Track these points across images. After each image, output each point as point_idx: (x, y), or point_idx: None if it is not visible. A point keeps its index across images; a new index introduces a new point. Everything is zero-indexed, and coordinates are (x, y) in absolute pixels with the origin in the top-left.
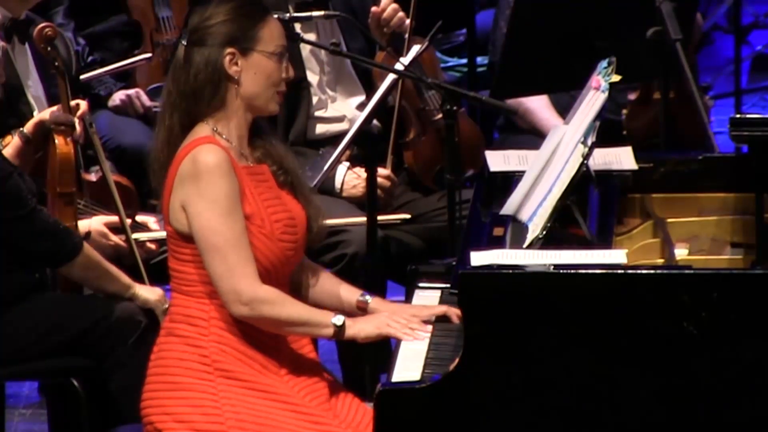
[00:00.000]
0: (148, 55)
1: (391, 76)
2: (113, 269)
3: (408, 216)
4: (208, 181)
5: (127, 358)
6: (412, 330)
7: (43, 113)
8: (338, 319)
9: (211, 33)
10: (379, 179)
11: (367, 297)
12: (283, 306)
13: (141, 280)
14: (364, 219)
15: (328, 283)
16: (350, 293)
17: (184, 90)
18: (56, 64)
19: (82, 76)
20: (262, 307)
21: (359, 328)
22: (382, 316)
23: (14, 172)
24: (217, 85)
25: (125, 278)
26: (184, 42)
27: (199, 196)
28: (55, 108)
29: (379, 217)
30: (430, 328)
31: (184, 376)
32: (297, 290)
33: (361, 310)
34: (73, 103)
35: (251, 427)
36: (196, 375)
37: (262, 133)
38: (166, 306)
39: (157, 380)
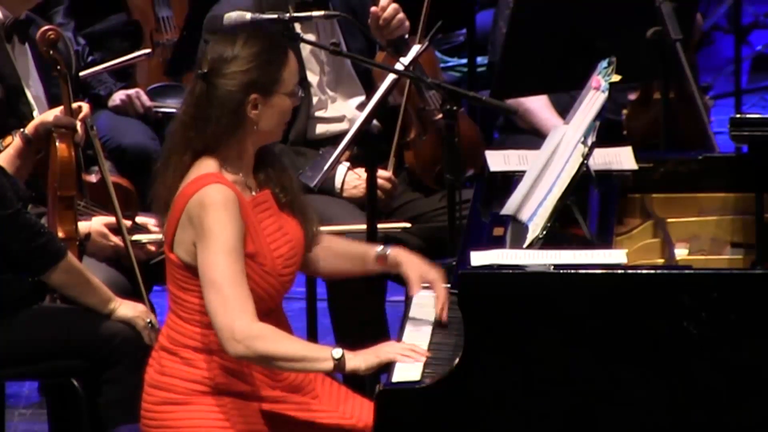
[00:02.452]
0: (148, 50)
1: (391, 76)
2: (95, 281)
3: (408, 225)
4: (215, 220)
5: (123, 375)
6: (411, 351)
7: (45, 115)
8: (337, 352)
9: (235, 78)
10: (379, 181)
11: (387, 250)
12: (277, 342)
13: (137, 283)
14: (363, 227)
15: (339, 246)
16: (367, 249)
17: (204, 128)
18: (58, 67)
19: (81, 73)
20: (257, 344)
21: (361, 360)
22: (381, 345)
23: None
24: (236, 127)
25: (107, 292)
26: (202, 73)
27: (204, 235)
28: (57, 111)
29: (379, 226)
30: (425, 348)
31: (187, 395)
32: (315, 265)
33: (381, 261)
34: (75, 105)
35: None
36: (199, 394)
37: (264, 158)
38: (149, 320)
39: (157, 393)
